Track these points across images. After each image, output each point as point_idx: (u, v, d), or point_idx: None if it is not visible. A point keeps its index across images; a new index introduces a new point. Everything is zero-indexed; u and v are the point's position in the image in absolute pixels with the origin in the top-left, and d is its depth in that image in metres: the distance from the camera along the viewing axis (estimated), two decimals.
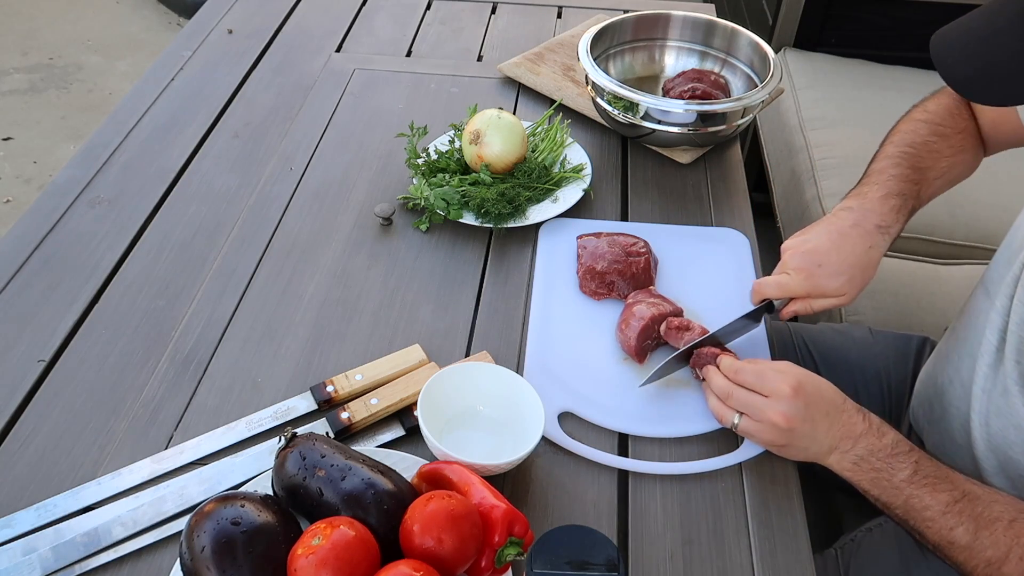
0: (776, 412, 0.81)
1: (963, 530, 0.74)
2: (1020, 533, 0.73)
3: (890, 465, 0.78)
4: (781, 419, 0.80)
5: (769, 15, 2.08)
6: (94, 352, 0.93)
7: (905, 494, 0.77)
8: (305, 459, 0.74)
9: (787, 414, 0.80)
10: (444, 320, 0.98)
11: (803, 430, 0.81)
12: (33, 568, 0.74)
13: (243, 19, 1.55)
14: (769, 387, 0.82)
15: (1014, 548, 0.73)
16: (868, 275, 0.92)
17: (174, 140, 1.25)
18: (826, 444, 0.81)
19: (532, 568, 0.63)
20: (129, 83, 2.90)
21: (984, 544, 0.74)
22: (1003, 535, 0.73)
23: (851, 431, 0.80)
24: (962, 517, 0.75)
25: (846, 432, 0.80)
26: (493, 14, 1.61)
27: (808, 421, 0.81)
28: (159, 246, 1.07)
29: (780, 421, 0.80)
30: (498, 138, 1.12)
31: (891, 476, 0.78)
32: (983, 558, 0.74)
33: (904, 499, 0.77)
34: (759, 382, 0.83)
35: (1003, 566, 0.73)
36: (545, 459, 0.84)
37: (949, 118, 1.03)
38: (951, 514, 0.75)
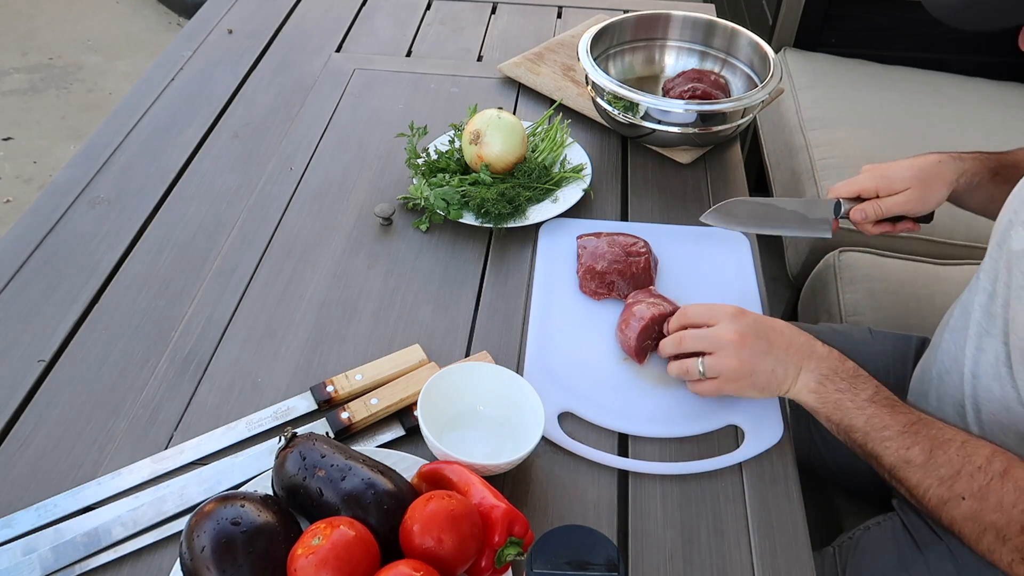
0: (727, 332, 0.84)
1: (919, 449, 0.77)
2: (971, 453, 0.75)
3: (853, 385, 0.81)
4: (734, 337, 0.83)
5: (769, 15, 2.08)
6: (94, 352, 0.93)
7: (867, 413, 0.79)
8: (305, 459, 0.74)
9: (739, 331, 0.83)
10: (444, 320, 0.98)
11: (760, 346, 0.83)
12: (33, 568, 0.74)
13: (243, 19, 1.55)
14: (714, 313, 0.86)
15: (965, 466, 0.75)
16: (936, 186, 0.97)
17: (174, 140, 1.25)
18: (791, 363, 0.83)
19: (532, 568, 0.63)
20: (129, 83, 2.90)
21: (938, 462, 0.76)
22: (956, 454, 0.76)
23: (813, 351, 0.83)
24: (918, 437, 0.77)
25: (808, 351, 0.83)
26: (493, 14, 1.61)
27: (762, 336, 0.83)
28: (159, 246, 1.07)
29: (734, 338, 0.83)
30: (498, 138, 1.12)
31: (855, 396, 0.80)
32: (936, 476, 0.76)
33: (866, 418, 0.79)
34: (706, 313, 0.87)
35: (955, 483, 0.75)
36: (545, 459, 0.84)
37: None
38: (908, 434, 0.77)
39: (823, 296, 1.49)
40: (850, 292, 1.45)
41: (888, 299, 1.44)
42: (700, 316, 0.87)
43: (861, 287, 1.45)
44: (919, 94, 1.90)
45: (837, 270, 1.49)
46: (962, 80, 1.96)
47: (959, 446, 0.76)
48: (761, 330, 0.84)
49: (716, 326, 0.85)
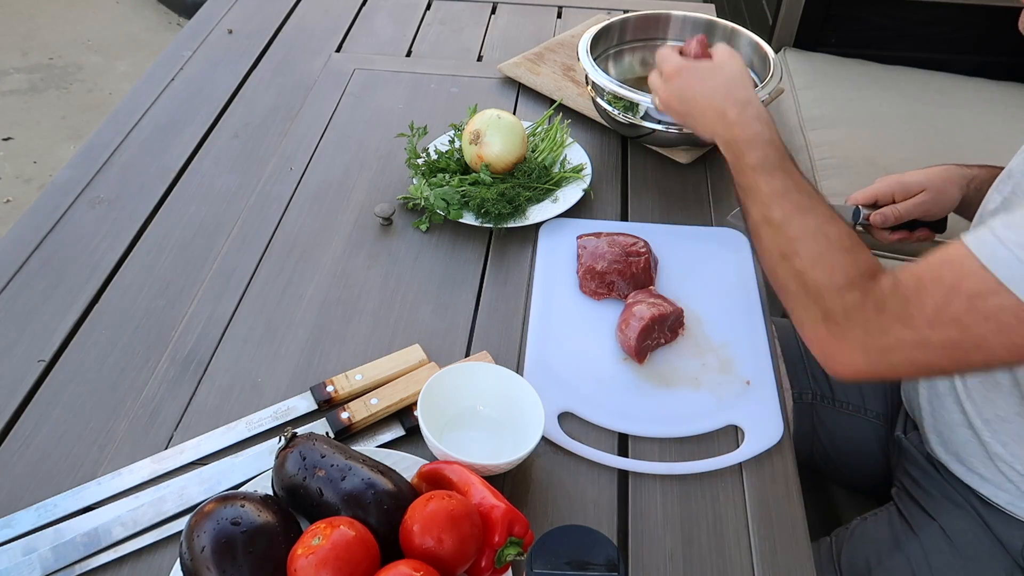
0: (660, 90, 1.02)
1: (780, 210, 0.83)
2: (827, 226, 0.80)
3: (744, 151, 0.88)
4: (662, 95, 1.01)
5: (769, 15, 2.08)
6: (94, 352, 0.93)
7: (748, 178, 0.88)
8: (305, 459, 0.74)
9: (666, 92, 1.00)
10: (444, 320, 0.98)
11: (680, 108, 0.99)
12: (33, 568, 0.74)
13: (243, 19, 1.55)
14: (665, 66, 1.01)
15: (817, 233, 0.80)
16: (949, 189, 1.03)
17: (174, 140, 1.25)
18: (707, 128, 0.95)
19: (532, 568, 0.63)
20: (129, 83, 2.90)
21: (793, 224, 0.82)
22: (812, 221, 0.81)
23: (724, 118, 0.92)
24: (784, 201, 0.83)
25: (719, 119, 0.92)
26: (493, 14, 1.61)
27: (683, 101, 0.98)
28: (159, 246, 1.07)
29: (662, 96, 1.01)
30: (498, 138, 1.12)
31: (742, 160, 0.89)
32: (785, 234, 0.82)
33: (747, 181, 0.88)
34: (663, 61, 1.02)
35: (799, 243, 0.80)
36: (545, 459, 0.84)
37: None
38: (776, 197, 0.84)
39: None
40: None
41: None
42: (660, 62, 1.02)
43: None
44: (919, 94, 1.89)
45: None
46: (962, 80, 1.96)
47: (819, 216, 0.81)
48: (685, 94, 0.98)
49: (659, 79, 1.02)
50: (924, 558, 0.95)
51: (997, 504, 0.93)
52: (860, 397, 1.13)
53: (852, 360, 0.75)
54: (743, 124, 0.90)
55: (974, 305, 0.68)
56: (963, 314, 0.68)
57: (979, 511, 0.94)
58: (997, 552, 0.93)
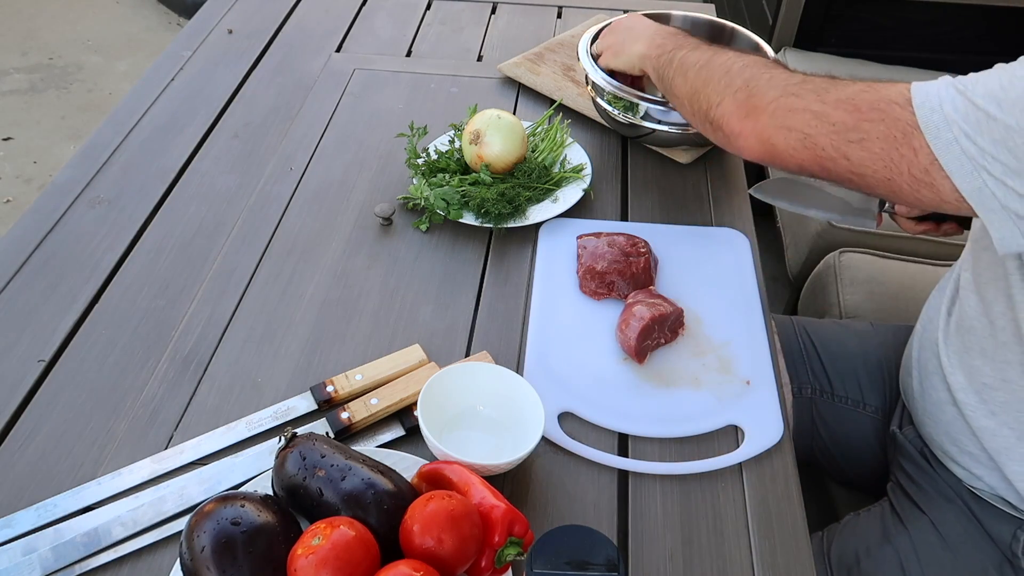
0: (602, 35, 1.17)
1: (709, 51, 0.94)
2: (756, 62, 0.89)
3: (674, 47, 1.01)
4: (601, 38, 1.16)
5: (769, 15, 2.08)
6: (94, 352, 0.93)
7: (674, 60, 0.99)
8: (305, 459, 0.74)
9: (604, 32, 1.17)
10: (444, 320, 0.98)
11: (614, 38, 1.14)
12: (33, 568, 0.74)
13: (243, 19, 1.55)
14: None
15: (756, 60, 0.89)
16: None
17: (174, 140, 1.25)
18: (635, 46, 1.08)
19: (532, 568, 0.63)
20: (129, 83, 2.90)
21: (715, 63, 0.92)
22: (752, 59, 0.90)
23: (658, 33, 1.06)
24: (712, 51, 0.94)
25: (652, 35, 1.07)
26: (493, 14, 1.61)
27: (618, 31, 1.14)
28: (159, 246, 1.07)
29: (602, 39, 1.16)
30: (498, 138, 1.12)
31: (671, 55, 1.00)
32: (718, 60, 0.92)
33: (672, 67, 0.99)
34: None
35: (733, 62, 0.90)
36: (545, 459, 0.84)
37: None
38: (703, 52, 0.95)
39: (823, 297, 1.49)
40: (850, 293, 1.45)
41: (888, 300, 1.44)
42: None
43: (861, 288, 1.45)
44: None
45: (837, 271, 1.49)
46: None
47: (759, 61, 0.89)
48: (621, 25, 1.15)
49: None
50: (913, 551, 0.96)
51: (985, 496, 0.93)
52: (859, 391, 1.14)
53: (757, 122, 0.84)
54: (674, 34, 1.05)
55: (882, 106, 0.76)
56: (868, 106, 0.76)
57: (969, 505, 0.95)
58: (986, 545, 0.93)
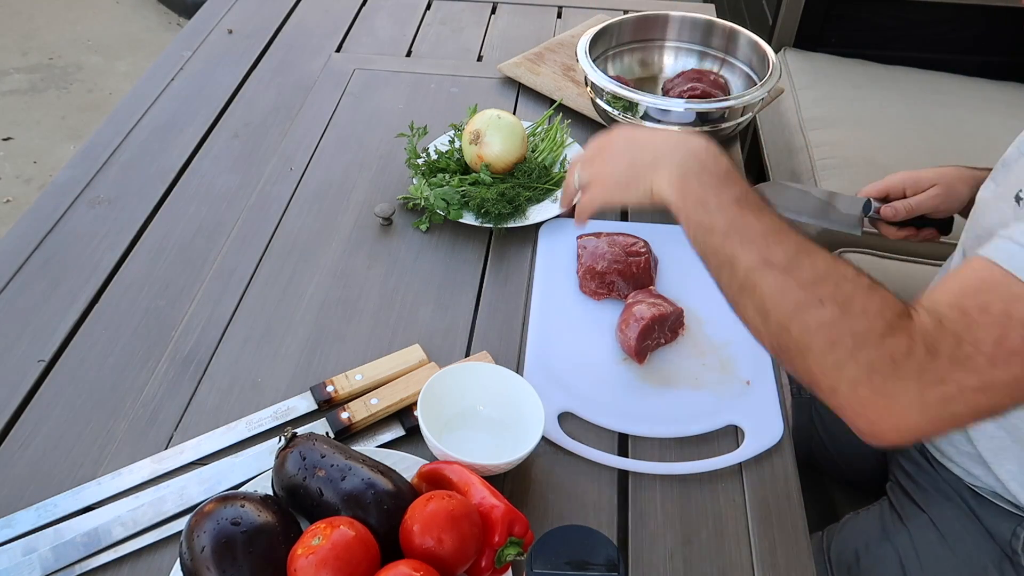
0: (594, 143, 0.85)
1: (782, 249, 0.68)
2: (841, 265, 0.68)
3: (721, 182, 0.73)
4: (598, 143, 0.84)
5: (769, 15, 2.08)
6: (94, 352, 0.93)
7: (731, 213, 0.71)
8: (305, 459, 0.74)
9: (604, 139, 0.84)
10: (444, 320, 0.98)
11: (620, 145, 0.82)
12: (33, 568, 0.74)
13: (243, 19, 1.55)
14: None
15: (832, 274, 0.67)
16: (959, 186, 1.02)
17: (174, 140, 1.25)
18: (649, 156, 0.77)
19: (532, 568, 0.63)
20: (129, 83, 2.89)
21: (803, 265, 0.67)
22: (823, 262, 0.68)
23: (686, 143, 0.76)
24: (785, 239, 0.69)
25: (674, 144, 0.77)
26: (493, 14, 1.61)
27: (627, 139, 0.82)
28: (159, 246, 1.07)
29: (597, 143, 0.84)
30: (498, 138, 1.12)
31: (719, 193, 0.72)
32: (797, 278, 0.67)
33: (729, 219, 0.71)
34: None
35: (817, 287, 0.66)
36: (545, 459, 0.84)
37: None
38: (773, 234, 0.69)
39: None
40: None
41: None
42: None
43: None
44: (919, 94, 1.90)
45: None
46: (962, 80, 1.96)
47: (828, 257, 0.68)
48: (629, 135, 0.82)
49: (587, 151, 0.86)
50: (912, 548, 0.96)
51: (984, 494, 0.93)
52: None
53: (905, 419, 0.63)
54: (714, 155, 0.75)
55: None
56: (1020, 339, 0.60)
57: (968, 502, 0.95)
58: (985, 543, 0.93)
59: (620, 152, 0.81)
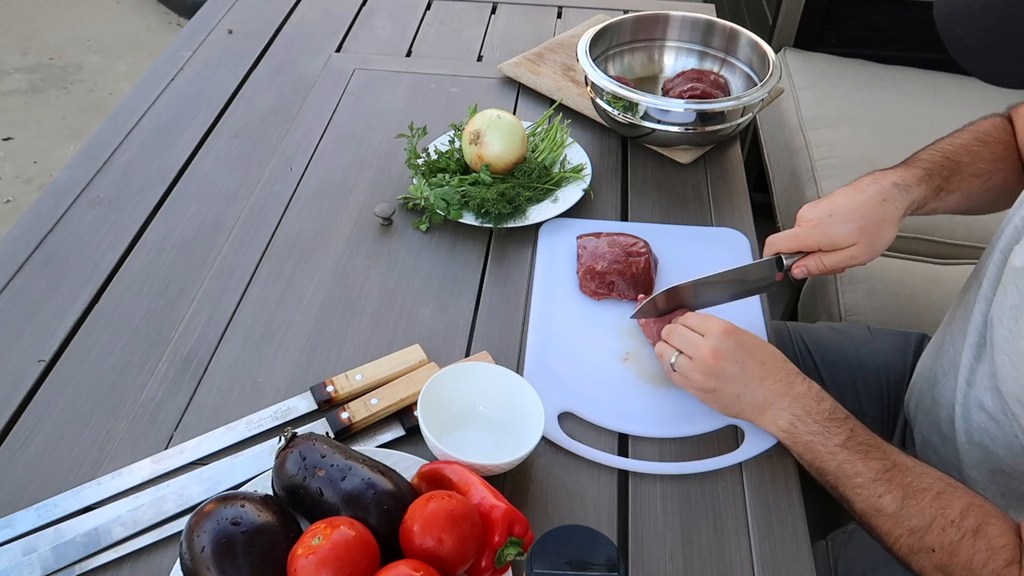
0: (707, 346, 0.84)
1: (891, 498, 0.74)
2: (945, 505, 0.73)
3: (826, 428, 0.78)
4: (709, 354, 0.83)
5: (769, 15, 2.08)
6: (94, 352, 0.93)
7: (838, 459, 0.77)
8: (305, 459, 0.74)
9: (716, 349, 0.83)
10: (444, 320, 0.98)
11: (732, 371, 0.83)
12: (33, 568, 0.74)
13: (243, 19, 1.55)
14: (706, 326, 0.86)
15: (938, 518, 0.72)
16: (883, 231, 0.90)
17: (174, 140, 1.25)
18: (760, 396, 0.82)
19: (532, 568, 0.63)
20: (129, 83, 2.90)
21: (910, 512, 0.73)
22: (929, 505, 0.73)
23: (789, 389, 0.81)
24: (891, 485, 0.75)
25: (784, 389, 0.81)
26: (493, 14, 1.61)
27: (738, 363, 0.83)
28: (159, 246, 1.07)
29: (708, 356, 0.83)
30: (498, 138, 1.12)
31: (826, 440, 0.78)
32: (907, 527, 0.73)
33: (837, 464, 0.77)
34: (700, 323, 0.87)
35: (926, 535, 0.72)
36: (545, 459, 0.84)
37: (992, 129, 1.01)
38: (881, 482, 0.75)
39: (823, 296, 1.49)
40: (850, 292, 1.45)
41: (888, 299, 1.44)
42: (694, 325, 0.87)
43: (861, 287, 1.45)
44: (919, 94, 1.90)
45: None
46: (962, 80, 1.95)
47: (933, 496, 0.74)
48: (741, 355, 0.83)
49: (704, 336, 0.85)
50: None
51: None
52: (857, 401, 1.12)
53: None
54: (817, 397, 0.80)
55: None
56: None
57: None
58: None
59: (730, 379, 0.83)
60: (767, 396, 0.82)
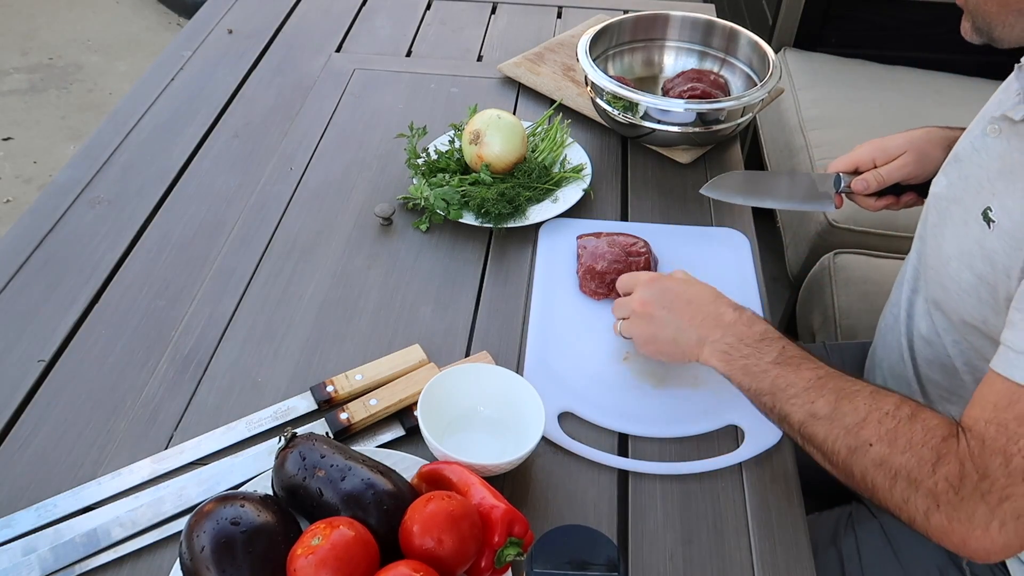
0: (635, 299, 0.89)
1: (824, 402, 0.75)
2: (878, 400, 0.74)
3: (758, 350, 0.80)
4: (638, 304, 0.88)
5: (769, 15, 2.08)
6: (94, 352, 0.93)
7: (771, 375, 0.78)
8: (305, 459, 0.74)
9: (642, 298, 0.88)
10: (444, 320, 0.98)
11: (662, 316, 0.86)
12: (32, 568, 0.74)
13: (243, 19, 1.55)
14: (632, 282, 0.91)
15: (872, 411, 0.73)
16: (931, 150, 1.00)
17: (174, 140, 1.25)
18: (694, 334, 0.84)
19: (532, 568, 0.63)
20: (129, 83, 2.89)
21: (844, 411, 0.74)
22: (863, 403, 0.74)
23: (719, 321, 0.84)
24: (824, 391, 0.75)
25: (714, 322, 0.84)
26: (493, 14, 1.61)
27: (665, 306, 0.86)
28: (159, 246, 1.07)
29: (637, 307, 0.88)
30: (498, 138, 1.12)
31: (759, 360, 0.80)
32: (842, 425, 0.74)
33: (771, 380, 0.78)
34: (628, 282, 0.92)
35: (862, 430, 0.72)
36: (545, 459, 0.84)
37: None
38: (813, 389, 0.76)
39: (819, 298, 1.49)
40: (844, 295, 1.45)
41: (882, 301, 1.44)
42: (624, 285, 0.92)
43: (855, 289, 1.45)
44: (919, 94, 1.90)
45: (832, 272, 1.49)
46: (962, 80, 1.96)
47: (867, 395, 0.74)
48: (667, 298, 0.87)
49: (632, 292, 0.90)
50: (856, 552, 0.95)
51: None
52: None
53: (991, 539, 0.67)
54: (746, 321, 0.83)
55: None
56: None
57: None
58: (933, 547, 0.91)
59: (663, 323, 0.86)
60: (700, 332, 0.84)
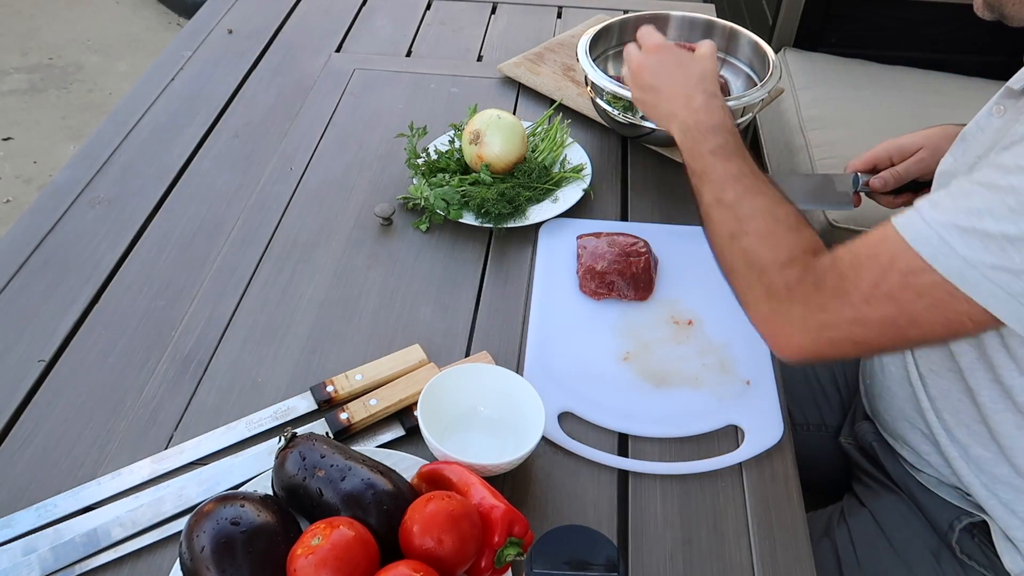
0: (635, 59, 1.02)
1: (733, 192, 0.83)
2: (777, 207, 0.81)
3: (704, 137, 0.89)
4: (635, 64, 1.02)
5: (769, 15, 2.08)
6: (94, 352, 0.93)
7: (706, 160, 0.88)
8: (305, 459, 0.74)
9: (640, 62, 1.01)
10: (444, 320, 0.98)
11: (650, 82, 0.99)
12: (32, 568, 0.74)
13: (243, 19, 1.55)
14: (646, 41, 1.03)
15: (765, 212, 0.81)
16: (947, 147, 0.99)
17: (174, 140, 1.25)
18: (668, 107, 0.96)
19: (532, 568, 0.63)
20: (129, 83, 2.89)
21: (743, 204, 0.82)
22: (762, 202, 0.82)
23: (689, 103, 0.93)
24: (738, 184, 0.84)
25: (684, 102, 0.94)
26: (493, 14, 1.61)
27: (656, 76, 0.99)
28: (159, 246, 1.07)
29: (634, 65, 1.02)
30: (498, 138, 1.12)
31: (701, 146, 0.89)
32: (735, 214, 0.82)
33: (703, 165, 0.88)
34: (644, 36, 1.04)
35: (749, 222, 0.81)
36: (545, 459, 0.84)
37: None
38: (730, 180, 0.84)
39: None
40: None
41: None
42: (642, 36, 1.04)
43: None
44: (919, 94, 1.90)
45: None
46: (962, 80, 1.96)
47: (768, 199, 0.82)
48: (659, 70, 0.99)
49: (640, 50, 1.03)
50: (850, 541, 0.96)
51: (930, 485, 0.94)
52: (819, 415, 1.14)
53: (793, 338, 0.76)
54: (709, 110, 0.91)
55: (907, 282, 0.69)
56: (897, 291, 0.70)
57: (912, 494, 0.95)
58: (924, 532, 0.94)
59: (647, 89, 1.00)
60: (672, 107, 0.95)
